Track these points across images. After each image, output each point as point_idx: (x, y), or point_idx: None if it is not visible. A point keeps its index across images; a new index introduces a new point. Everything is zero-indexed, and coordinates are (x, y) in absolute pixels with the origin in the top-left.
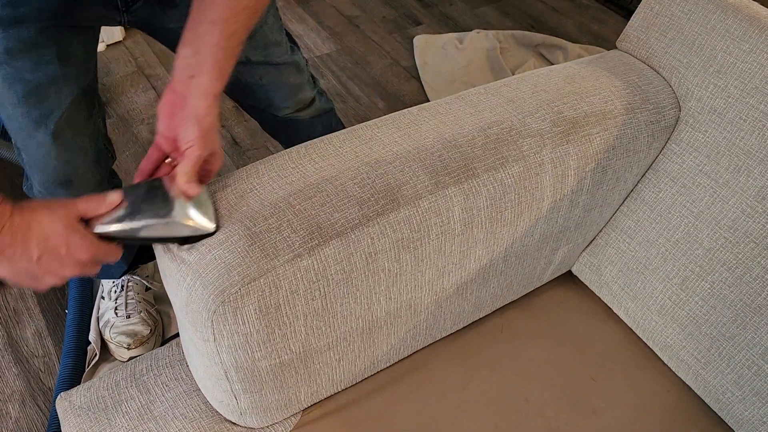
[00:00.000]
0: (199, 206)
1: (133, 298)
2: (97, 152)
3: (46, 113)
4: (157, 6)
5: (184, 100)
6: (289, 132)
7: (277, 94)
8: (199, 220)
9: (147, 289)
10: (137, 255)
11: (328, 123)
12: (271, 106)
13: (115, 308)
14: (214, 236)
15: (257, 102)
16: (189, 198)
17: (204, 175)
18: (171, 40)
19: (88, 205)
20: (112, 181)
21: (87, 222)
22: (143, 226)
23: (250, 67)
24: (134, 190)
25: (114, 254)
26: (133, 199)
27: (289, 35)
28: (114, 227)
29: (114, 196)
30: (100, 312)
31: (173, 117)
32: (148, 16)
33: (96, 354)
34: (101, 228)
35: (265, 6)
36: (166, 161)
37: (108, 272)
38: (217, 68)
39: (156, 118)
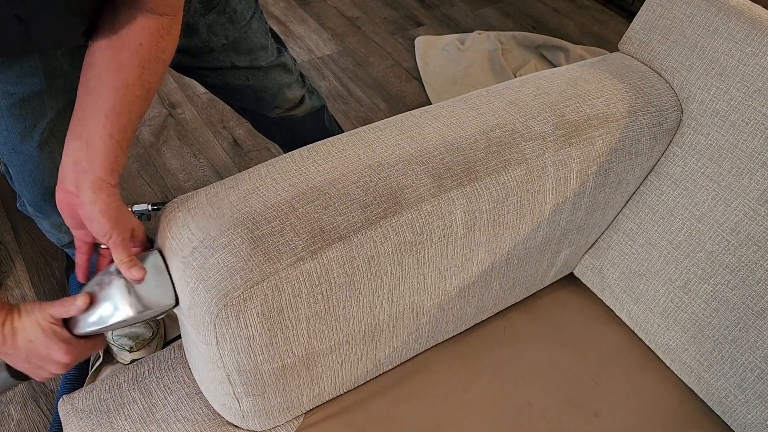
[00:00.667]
0: (154, 286)
1: None
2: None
3: (31, 126)
4: None
5: (79, 197)
6: (282, 131)
7: (266, 95)
8: (157, 302)
9: None
10: None
11: (321, 120)
12: (261, 107)
13: None
14: (216, 239)
15: (247, 104)
16: (141, 281)
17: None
18: None
19: (59, 310)
20: None
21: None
22: (113, 322)
23: (236, 71)
24: (94, 285)
25: (97, 347)
26: (97, 296)
27: (275, 35)
28: (89, 330)
29: (80, 302)
30: None
31: (75, 215)
32: None
33: (99, 357)
34: (78, 331)
35: (155, 92)
36: (101, 247)
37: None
38: (110, 161)
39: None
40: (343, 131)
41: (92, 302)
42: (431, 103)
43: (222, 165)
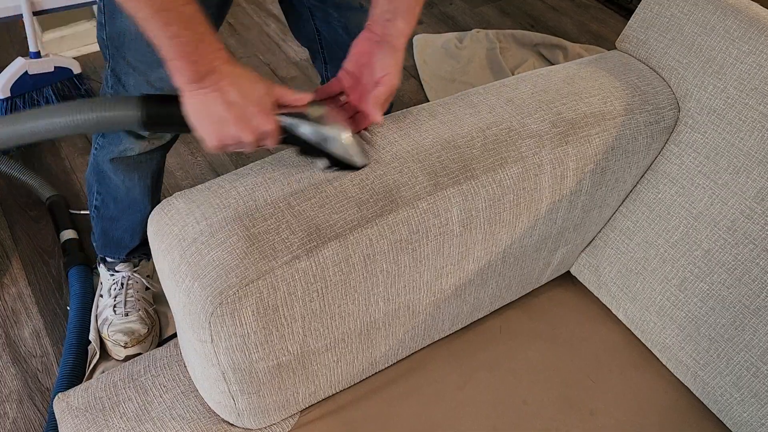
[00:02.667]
0: (357, 143)
1: (132, 296)
2: None
3: None
4: None
5: (382, 37)
6: None
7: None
8: (354, 147)
9: (146, 288)
10: (144, 240)
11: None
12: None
13: (114, 306)
14: (213, 237)
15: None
16: (373, 122)
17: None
18: None
19: (284, 92)
20: None
21: None
22: (313, 130)
23: (359, 14)
24: (316, 103)
25: (274, 139)
26: (314, 105)
27: None
28: (287, 120)
29: (304, 95)
30: (99, 310)
31: (366, 54)
32: None
33: (96, 353)
34: (282, 119)
35: None
36: (340, 97)
37: (117, 247)
38: (410, 13)
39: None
40: None
41: (304, 108)
42: (429, 101)
43: (219, 163)
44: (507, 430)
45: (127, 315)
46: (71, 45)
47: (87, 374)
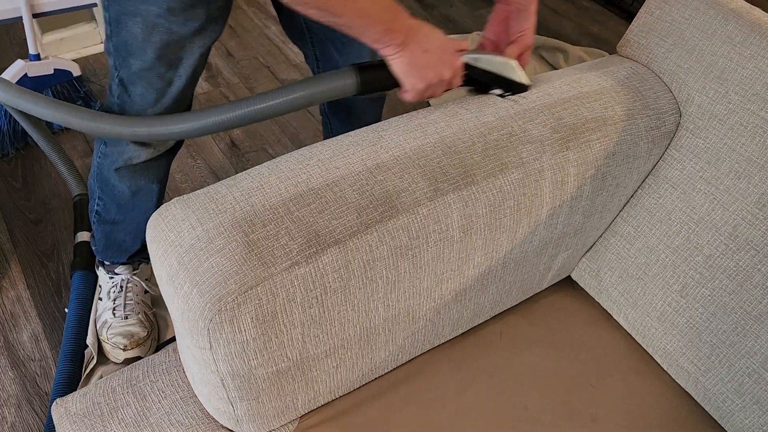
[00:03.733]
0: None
1: (131, 299)
2: (191, 101)
3: (180, 59)
4: None
5: (515, 4)
6: (350, 112)
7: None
8: (522, 71)
9: (145, 292)
10: (144, 245)
11: (381, 108)
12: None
13: (113, 309)
14: (211, 242)
15: (348, 58)
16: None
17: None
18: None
19: (455, 39)
20: None
21: None
22: (487, 59)
23: None
24: (476, 49)
25: (460, 77)
26: (478, 51)
27: None
28: (474, 56)
29: (477, 38)
30: (98, 313)
31: (505, 20)
32: None
33: (93, 357)
34: (466, 56)
35: None
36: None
37: (119, 251)
38: None
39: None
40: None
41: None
42: (429, 104)
43: (219, 166)
44: None
45: (126, 318)
46: (71, 47)
47: (83, 378)
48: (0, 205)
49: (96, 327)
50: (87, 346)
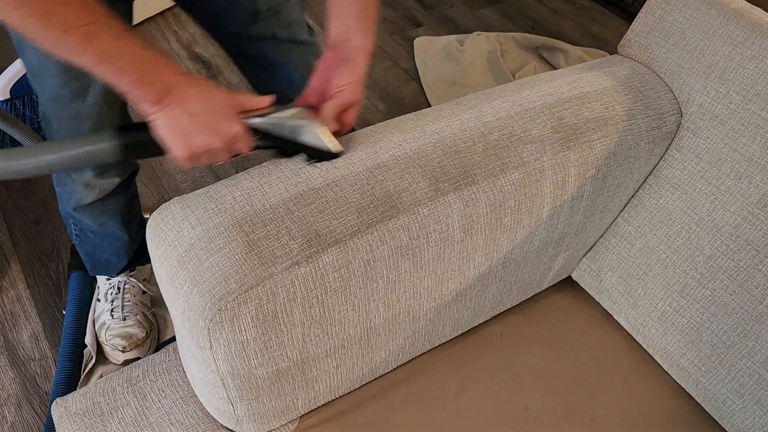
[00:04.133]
0: (329, 133)
1: (129, 301)
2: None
3: (86, 84)
4: None
5: (343, 55)
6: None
7: (297, 74)
8: (327, 135)
9: (143, 292)
10: (136, 254)
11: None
12: (289, 89)
13: (111, 310)
14: (212, 242)
15: (276, 83)
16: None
17: (340, 128)
18: (198, 10)
19: (246, 98)
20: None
21: None
22: (280, 123)
23: (275, 43)
24: (280, 105)
25: (246, 145)
26: (278, 109)
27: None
28: (258, 120)
29: (267, 99)
30: (96, 314)
31: (330, 69)
32: None
33: (92, 357)
34: (249, 121)
35: None
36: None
37: (107, 267)
38: (364, 31)
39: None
40: None
41: (272, 110)
42: (430, 104)
43: (219, 165)
44: None
45: (124, 319)
46: None
47: (82, 378)
48: (0, 204)
49: (95, 328)
50: (86, 346)
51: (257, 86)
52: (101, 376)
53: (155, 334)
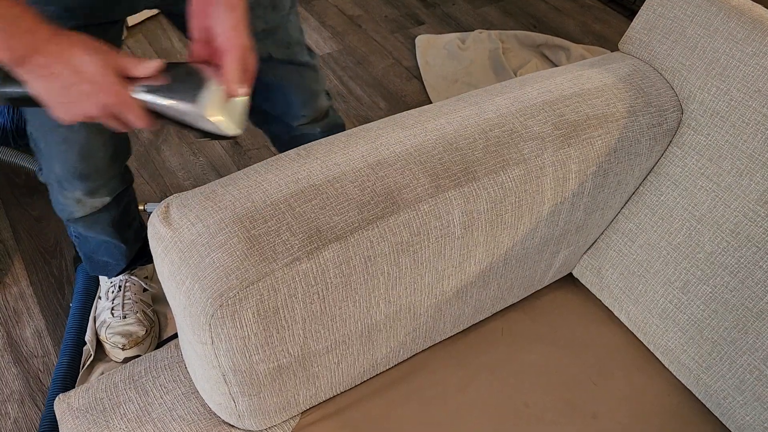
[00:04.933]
0: (230, 107)
1: (129, 299)
2: (114, 148)
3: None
4: None
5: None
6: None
7: (296, 98)
8: (225, 119)
9: (144, 290)
10: (136, 256)
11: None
12: (287, 113)
13: (112, 308)
14: (213, 237)
15: (274, 107)
16: (235, 96)
17: (246, 77)
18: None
19: (127, 61)
20: (125, 177)
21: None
22: (171, 106)
23: (272, 64)
24: (174, 67)
25: (138, 116)
26: (171, 76)
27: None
28: (144, 96)
29: (153, 63)
30: (97, 312)
31: (204, 16)
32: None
33: (91, 355)
34: (134, 94)
35: None
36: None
37: (105, 269)
38: None
39: (188, 24)
40: None
41: (163, 79)
42: (432, 102)
43: (221, 164)
44: None
45: (124, 317)
46: None
47: (81, 376)
48: (3, 201)
49: (95, 325)
50: (86, 344)
51: (254, 109)
52: (102, 374)
53: (156, 331)
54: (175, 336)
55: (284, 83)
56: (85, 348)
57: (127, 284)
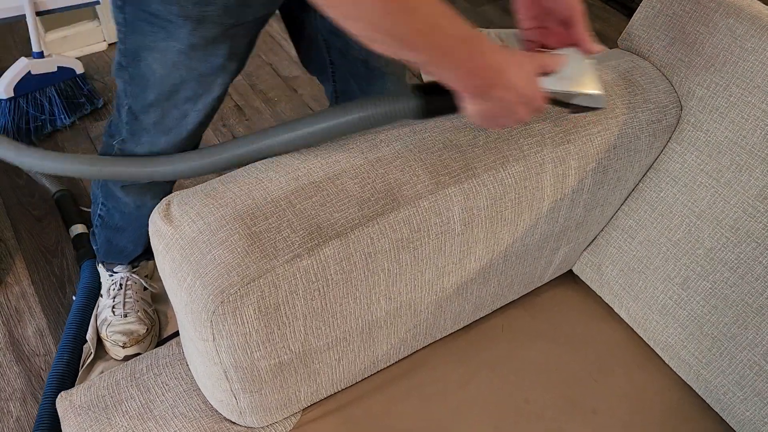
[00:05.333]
0: (597, 80)
1: (131, 297)
2: (209, 121)
3: (198, 95)
4: None
5: None
6: (369, 77)
7: (392, 89)
8: (601, 94)
9: (145, 289)
10: (143, 254)
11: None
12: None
13: (113, 306)
14: (214, 234)
15: (368, 92)
16: (596, 52)
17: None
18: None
19: (548, 62)
20: None
21: None
22: (570, 92)
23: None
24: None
25: (543, 106)
26: (563, 66)
27: None
28: (551, 88)
29: (560, 57)
30: (99, 310)
31: (535, 3)
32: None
33: (91, 353)
34: (546, 86)
35: None
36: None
37: (121, 254)
38: None
39: (516, 16)
40: None
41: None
42: None
43: None
44: (509, 429)
45: (125, 316)
46: (74, 45)
47: (81, 374)
48: (4, 201)
49: (97, 323)
50: (86, 341)
51: (343, 93)
52: (102, 372)
53: (156, 330)
54: (176, 334)
55: (386, 72)
56: (85, 346)
57: (128, 282)
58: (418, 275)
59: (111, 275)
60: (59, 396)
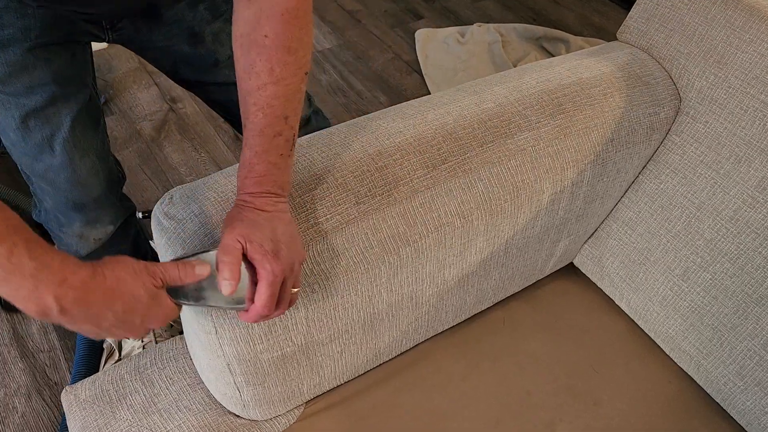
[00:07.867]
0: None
1: None
2: (107, 172)
3: (49, 135)
4: (143, 25)
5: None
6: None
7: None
8: (242, 304)
9: None
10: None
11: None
12: None
13: None
14: (216, 229)
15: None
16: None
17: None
18: (159, 58)
19: (177, 274)
20: (124, 204)
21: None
22: (210, 306)
23: (208, 88)
24: (206, 259)
25: (174, 315)
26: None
27: None
28: (190, 302)
29: (203, 270)
30: None
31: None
32: (134, 35)
33: (114, 351)
34: (176, 300)
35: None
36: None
37: None
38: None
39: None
40: None
41: (194, 283)
42: None
43: (223, 159)
44: (510, 421)
45: None
46: None
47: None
48: (5, 201)
49: None
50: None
51: (234, 124)
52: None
53: (178, 328)
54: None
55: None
56: (106, 344)
57: None
58: (418, 268)
59: None
60: (64, 390)
